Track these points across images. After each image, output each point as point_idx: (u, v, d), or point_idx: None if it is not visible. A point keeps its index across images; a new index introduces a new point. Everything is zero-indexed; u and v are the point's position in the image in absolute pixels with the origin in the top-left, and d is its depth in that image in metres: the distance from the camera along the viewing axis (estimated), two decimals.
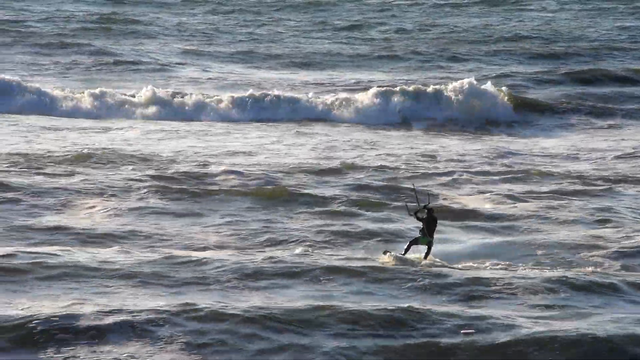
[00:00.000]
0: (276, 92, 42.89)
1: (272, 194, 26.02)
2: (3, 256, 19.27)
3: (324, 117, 41.11)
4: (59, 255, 19.84)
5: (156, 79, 46.15)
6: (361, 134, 37.84)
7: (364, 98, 42.07)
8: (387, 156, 32.40)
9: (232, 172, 28.49)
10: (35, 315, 15.91)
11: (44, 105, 41.53)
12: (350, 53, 53.58)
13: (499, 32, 59.43)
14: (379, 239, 22.12)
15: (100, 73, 47.38)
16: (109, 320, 15.79)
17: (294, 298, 17.82)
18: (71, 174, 27.84)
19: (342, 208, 24.82)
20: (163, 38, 57.26)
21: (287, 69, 49.96)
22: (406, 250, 20.14)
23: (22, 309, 16.43)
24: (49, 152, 30.99)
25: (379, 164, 30.69)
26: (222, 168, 28.95)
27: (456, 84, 42.70)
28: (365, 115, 41.22)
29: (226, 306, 16.83)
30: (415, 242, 20.10)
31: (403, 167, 30.42)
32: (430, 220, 19.92)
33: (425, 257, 20.11)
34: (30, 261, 19.09)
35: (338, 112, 41.44)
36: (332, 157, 31.79)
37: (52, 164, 29.19)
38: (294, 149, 33.59)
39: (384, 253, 20.24)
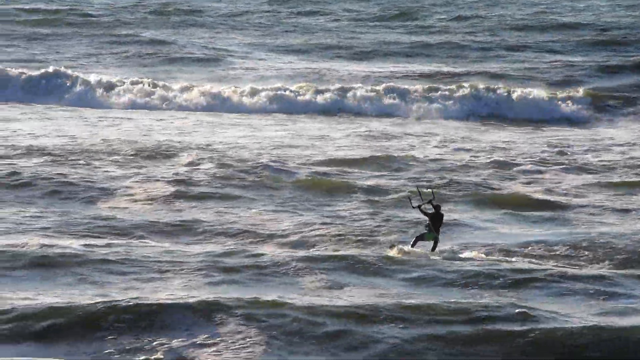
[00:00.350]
0: (331, 85, 42.81)
1: (325, 184, 25.99)
2: (63, 246, 19.48)
3: (380, 109, 40.90)
4: (118, 244, 20.02)
5: (211, 69, 46.32)
6: (419, 126, 37.63)
7: (420, 89, 41.75)
8: (442, 147, 32.21)
9: (285, 162, 28.51)
10: (98, 300, 16.14)
11: (100, 96, 41.87)
12: (406, 42, 53.27)
13: (555, 20, 58.83)
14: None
15: (156, 63, 47.67)
16: (169, 305, 15.96)
17: (351, 286, 17.83)
18: (127, 164, 28.02)
19: (394, 197, 24.73)
20: (218, 27, 57.49)
21: (342, 59, 49.84)
22: (412, 246, 20.18)
23: (84, 295, 16.61)
24: (104, 142, 31.22)
25: (434, 155, 30.51)
26: (276, 158, 28.96)
27: (520, 93, 41.61)
28: (424, 107, 40.86)
29: (285, 294, 16.88)
30: (421, 237, 20.18)
31: (459, 158, 30.22)
32: (437, 216, 19.90)
33: (432, 251, 20.10)
34: (90, 250, 19.32)
35: (394, 104, 41.18)
36: (386, 148, 31.66)
37: (108, 154, 29.39)
38: (347, 140, 33.50)
39: (391, 247, 20.23)
